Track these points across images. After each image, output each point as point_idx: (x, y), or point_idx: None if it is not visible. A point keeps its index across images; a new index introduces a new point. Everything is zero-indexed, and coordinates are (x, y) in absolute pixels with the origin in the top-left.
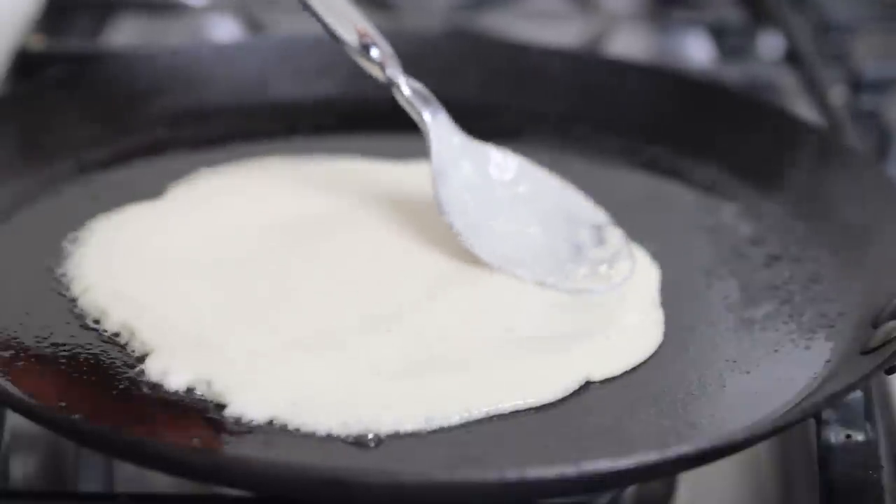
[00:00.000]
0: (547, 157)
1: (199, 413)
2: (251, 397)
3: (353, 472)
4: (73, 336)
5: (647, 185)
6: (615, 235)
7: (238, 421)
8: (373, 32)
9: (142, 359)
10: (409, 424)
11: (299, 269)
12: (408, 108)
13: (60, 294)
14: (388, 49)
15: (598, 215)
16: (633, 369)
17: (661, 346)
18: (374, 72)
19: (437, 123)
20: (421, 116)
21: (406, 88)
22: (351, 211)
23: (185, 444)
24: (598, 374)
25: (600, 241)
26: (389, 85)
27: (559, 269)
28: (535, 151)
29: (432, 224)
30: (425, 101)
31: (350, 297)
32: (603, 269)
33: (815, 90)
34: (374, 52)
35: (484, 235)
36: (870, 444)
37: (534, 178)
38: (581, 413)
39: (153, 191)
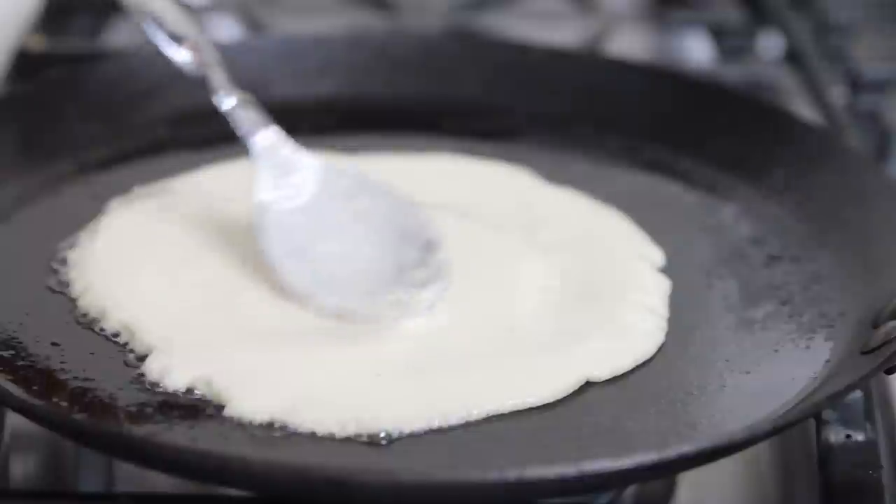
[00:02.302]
0: (547, 156)
1: (198, 413)
2: (251, 397)
3: (352, 472)
4: (73, 336)
5: (647, 185)
6: (437, 256)
7: (238, 421)
8: (198, 38)
9: (142, 359)
10: (409, 424)
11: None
12: (233, 125)
13: (60, 294)
14: (214, 56)
15: (430, 232)
16: (633, 369)
17: (661, 346)
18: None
19: (265, 147)
20: (248, 139)
21: (229, 102)
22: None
23: (185, 444)
24: (598, 374)
25: (423, 262)
26: (215, 96)
27: (371, 293)
28: (535, 151)
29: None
30: (253, 119)
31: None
32: (407, 296)
33: (815, 90)
34: (191, 60)
35: (303, 260)
36: (870, 444)
37: (372, 192)
38: (581, 413)
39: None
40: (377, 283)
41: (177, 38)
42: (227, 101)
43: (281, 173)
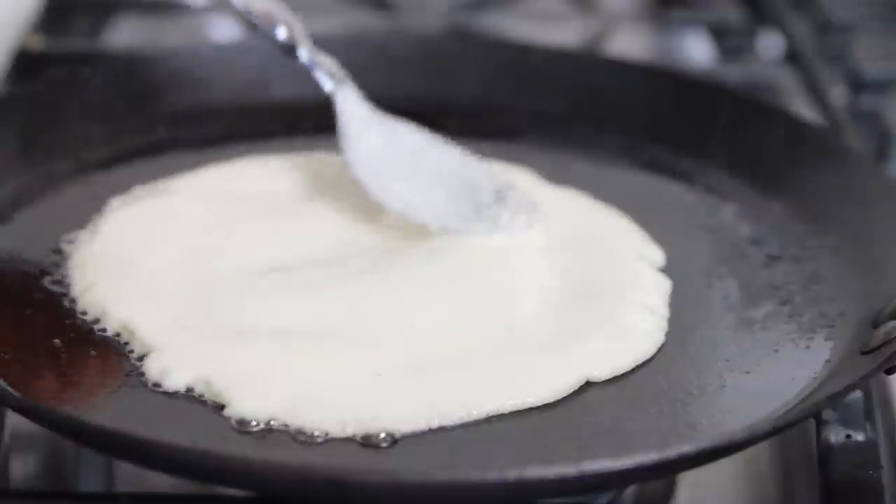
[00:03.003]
0: (547, 157)
1: (198, 413)
2: (251, 397)
3: (352, 472)
4: (73, 336)
5: (647, 185)
6: (516, 195)
7: (238, 421)
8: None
9: (142, 359)
10: (409, 424)
11: (299, 270)
12: (315, 76)
13: (60, 294)
14: (298, 23)
15: (500, 181)
16: (633, 369)
17: (661, 346)
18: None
19: (343, 92)
20: (326, 84)
21: (307, 54)
22: (349, 208)
23: (185, 444)
24: (598, 374)
25: (500, 200)
26: (291, 50)
27: (462, 220)
28: (535, 151)
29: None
30: (331, 71)
31: (351, 297)
32: (504, 218)
33: (815, 90)
34: (281, 26)
35: (390, 190)
36: (870, 444)
37: (439, 150)
38: (581, 413)
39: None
40: (460, 216)
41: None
42: (308, 55)
43: (361, 120)
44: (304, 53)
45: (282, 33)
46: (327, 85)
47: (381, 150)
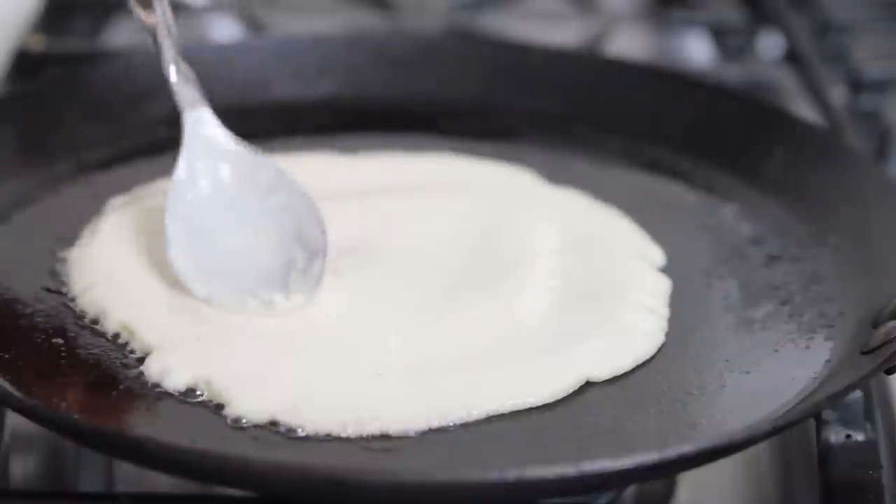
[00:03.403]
0: (547, 157)
1: (198, 413)
2: (251, 397)
3: (352, 472)
4: (73, 336)
5: (647, 185)
6: (319, 266)
7: (238, 421)
8: (162, 7)
9: (142, 359)
10: (409, 424)
11: None
12: (174, 98)
13: (60, 294)
14: (171, 27)
15: (320, 243)
16: (633, 369)
17: (661, 346)
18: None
19: (194, 124)
20: (182, 114)
21: (173, 75)
22: (349, 208)
23: (185, 444)
24: (598, 374)
25: (307, 268)
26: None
27: (249, 289)
28: (534, 151)
29: (432, 223)
30: (191, 96)
31: (350, 297)
32: (278, 297)
33: (815, 90)
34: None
35: (197, 245)
36: (870, 444)
37: (288, 189)
38: (581, 413)
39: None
40: (260, 280)
41: (146, 4)
42: (172, 73)
43: (204, 154)
44: (172, 73)
45: (148, 18)
46: (182, 106)
47: (219, 192)
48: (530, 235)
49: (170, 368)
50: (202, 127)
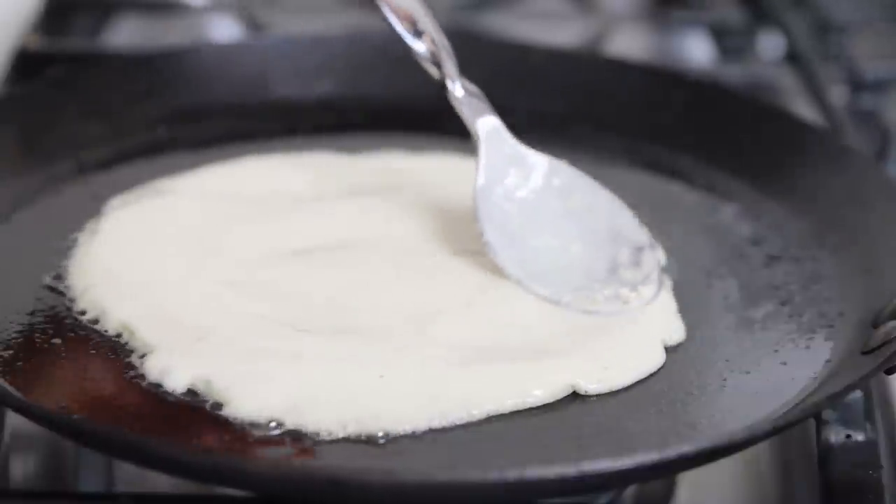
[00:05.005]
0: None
1: (198, 413)
2: (251, 397)
3: (352, 472)
4: (72, 336)
5: (647, 185)
6: (651, 258)
7: (238, 421)
8: (433, 30)
9: (142, 359)
10: (409, 424)
11: (300, 269)
12: (460, 113)
13: (60, 294)
14: (446, 47)
15: (642, 235)
16: None
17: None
18: (430, 70)
19: (489, 132)
20: (474, 125)
21: (459, 90)
22: (350, 208)
23: (185, 444)
24: (595, 381)
25: (636, 262)
26: (442, 86)
27: (584, 288)
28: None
29: (433, 223)
30: (479, 107)
31: (351, 298)
32: (625, 291)
33: (815, 90)
34: (426, 50)
35: (516, 248)
36: (870, 444)
37: (585, 190)
38: (581, 413)
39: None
40: (587, 280)
41: (417, 32)
42: (457, 89)
43: (501, 162)
44: (456, 88)
45: (421, 46)
46: (478, 124)
47: (519, 198)
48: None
49: (170, 368)
50: (497, 135)
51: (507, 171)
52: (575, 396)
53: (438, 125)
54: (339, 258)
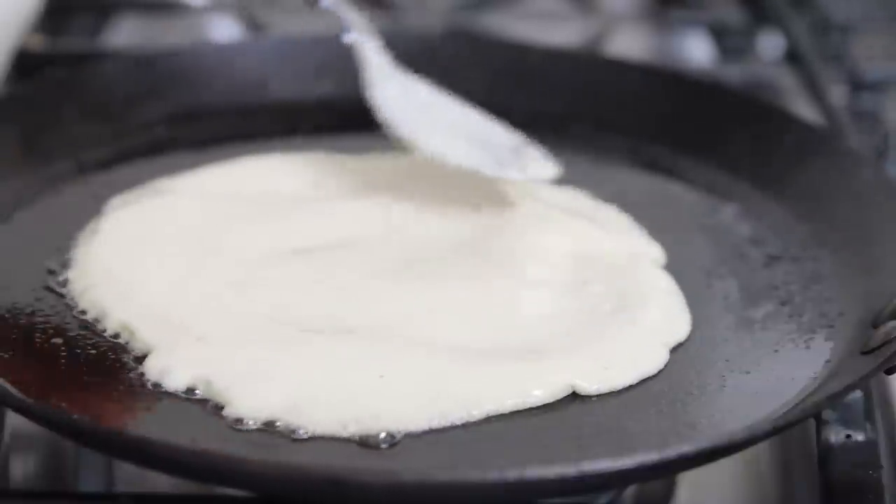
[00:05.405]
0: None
1: (198, 413)
2: (251, 397)
3: (352, 472)
4: (73, 336)
5: (647, 185)
6: (530, 151)
7: (238, 421)
8: None
9: (142, 359)
10: (409, 424)
11: (300, 269)
12: (340, 21)
13: (60, 294)
14: None
15: (514, 139)
16: None
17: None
18: None
19: (366, 42)
20: (348, 32)
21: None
22: (350, 207)
23: (185, 444)
24: (595, 381)
25: (517, 154)
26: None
27: (496, 161)
28: None
29: (433, 223)
30: (354, 20)
31: (351, 298)
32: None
33: (815, 90)
34: None
35: (418, 134)
36: (870, 444)
37: (457, 106)
38: (581, 413)
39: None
40: (496, 159)
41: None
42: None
43: (384, 75)
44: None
45: None
46: (350, 33)
47: (402, 101)
48: (532, 235)
49: (170, 368)
50: (376, 52)
51: (390, 77)
52: (575, 396)
53: None
54: (340, 258)
